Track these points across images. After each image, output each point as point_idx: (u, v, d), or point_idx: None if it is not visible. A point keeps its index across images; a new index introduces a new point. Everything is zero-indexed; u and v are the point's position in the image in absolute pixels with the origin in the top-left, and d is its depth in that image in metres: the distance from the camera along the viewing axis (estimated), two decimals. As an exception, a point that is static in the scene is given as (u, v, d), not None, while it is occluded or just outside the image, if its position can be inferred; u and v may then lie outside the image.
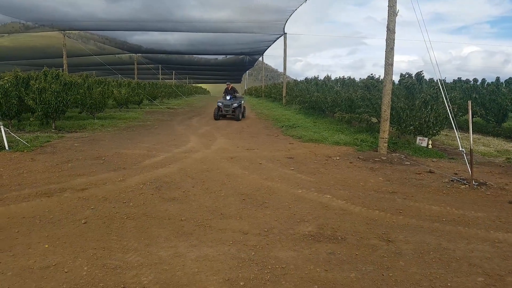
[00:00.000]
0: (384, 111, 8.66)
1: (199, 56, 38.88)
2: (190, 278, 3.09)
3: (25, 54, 28.96)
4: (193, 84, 68.53)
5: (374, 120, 11.66)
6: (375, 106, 10.92)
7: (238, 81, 79.90)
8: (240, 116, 16.81)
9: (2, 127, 8.51)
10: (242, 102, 17.66)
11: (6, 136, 8.52)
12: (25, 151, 8.22)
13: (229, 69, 50.04)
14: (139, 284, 2.99)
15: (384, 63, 8.58)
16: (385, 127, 8.68)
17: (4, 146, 8.34)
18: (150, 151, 8.67)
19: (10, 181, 5.94)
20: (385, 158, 8.19)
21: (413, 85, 9.92)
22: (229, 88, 17.54)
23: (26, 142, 8.99)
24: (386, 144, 8.74)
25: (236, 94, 17.59)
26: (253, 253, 3.54)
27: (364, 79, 16.04)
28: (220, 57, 39.32)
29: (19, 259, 3.36)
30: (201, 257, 3.45)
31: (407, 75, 10.80)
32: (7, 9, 17.83)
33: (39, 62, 30.99)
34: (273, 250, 3.61)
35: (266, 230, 4.10)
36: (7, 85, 8.65)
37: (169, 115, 19.53)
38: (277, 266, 3.30)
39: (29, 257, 3.39)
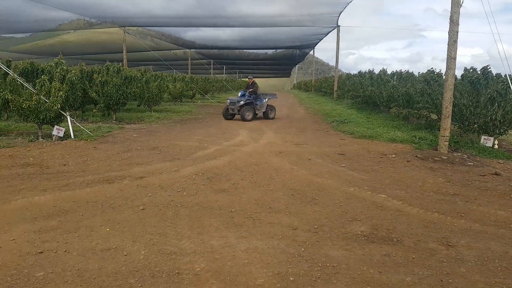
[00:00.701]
0: (446, 108, 8.21)
1: (249, 50, 39.16)
2: (240, 269, 3.16)
3: (88, 49, 30.82)
4: (242, 79, 69.18)
5: (434, 117, 11.05)
6: (435, 102, 10.36)
7: (287, 75, 79.52)
8: (249, 117, 14.02)
9: (68, 117, 9.15)
10: (265, 100, 14.99)
11: (72, 126, 9.16)
12: (88, 140, 8.79)
13: (279, 63, 49.97)
14: (192, 270, 3.10)
15: (445, 56, 8.14)
16: (446, 125, 8.22)
17: (70, 135, 8.99)
18: (201, 143, 8.91)
19: (75, 167, 6.40)
20: (446, 157, 7.75)
21: (478, 80, 9.30)
22: (250, 83, 15.12)
23: (90, 131, 9.62)
24: (447, 143, 8.28)
25: (252, 89, 14.71)
26: (302, 249, 3.52)
27: (423, 73, 15.27)
28: (270, 51, 39.34)
29: (83, 240, 3.62)
30: (251, 249, 3.50)
31: (471, 70, 10.16)
32: (74, 7, 19.01)
33: (101, 57, 32.86)
34: (324, 248, 3.56)
35: (316, 227, 4.06)
36: (74, 78, 9.28)
37: (220, 109, 19.87)
38: (328, 264, 3.26)
39: (92, 239, 3.64)
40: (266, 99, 15.12)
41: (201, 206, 4.63)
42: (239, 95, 14.84)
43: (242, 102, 14.31)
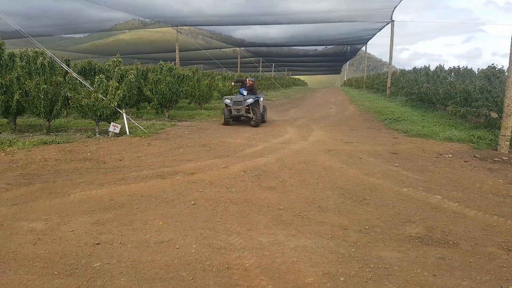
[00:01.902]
0: (507, 106, 7.72)
1: (299, 47, 38.88)
2: (289, 266, 3.14)
3: (142, 48, 32.16)
4: (291, 76, 68.88)
5: (494, 115, 10.39)
6: (496, 99, 9.72)
7: (338, 72, 78.04)
8: (259, 119, 11.64)
9: (124, 114, 9.59)
10: (261, 99, 12.55)
11: (127, 123, 9.59)
12: (143, 136, 9.18)
13: (329, 59, 49.20)
14: (242, 266, 3.13)
15: (507, 52, 7.66)
16: (508, 124, 7.73)
17: (126, 131, 9.42)
18: (249, 140, 8.98)
19: (131, 163, 6.68)
20: (506, 158, 7.25)
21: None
22: (248, 84, 12.52)
23: (144, 128, 10.03)
24: (508, 143, 7.78)
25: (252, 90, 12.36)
26: (353, 250, 3.44)
27: (483, 69, 14.35)
28: (320, 47, 38.81)
29: (137, 233, 3.77)
30: (300, 247, 3.47)
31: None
32: (130, 8, 19.94)
33: (154, 56, 34.16)
34: (375, 249, 3.46)
35: (367, 227, 3.95)
36: (134, 79, 9.70)
37: (267, 107, 19.95)
38: (379, 266, 3.16)
39: (146, 232, 3.78)
40: (262, 99, 12.65)
41: (249, 202, 4.66)
42: (243, 93, 12.03)
43: (251, 100, 11.57)
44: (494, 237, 3.75)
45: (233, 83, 13.39)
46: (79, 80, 9.31)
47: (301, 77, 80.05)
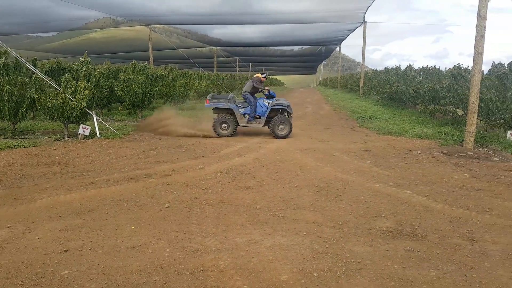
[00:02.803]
0: (472, 103, 8.08)
1: (275, 47, 38.98)
2: (265, 265, 3.13)
3: (114, 47, 31.27)
4: (268, 76, 69.06)
5: (460, 112, 10.86)
6: (461, 97, 10.16)
7: (313, 72, 78.76)
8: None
9: (94, 116, 9.31)
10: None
11: (97, 124, 9.32)
12: (114, 138, 8.94)
13: (305, 60, 49.58)
14: (217, 267, 3.09)
15: (472, 52, 8.00)
16: (472, 120, 8.08)
17: (96, 133, 9.15)
18: (227, 140, 8.93)
19: (101, 166, 6.50)
20: (472, 153, 7.61)
21: (506, 75, 9.15)
22: (262, 81, 10.02)
23: (115, 130, 9.78)
24: (472, 139, 8.15)
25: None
26: (327, 246, 3.49)
27: (450, 68, 14.86)
28: (296, 48, 39.05)
29: (108, 238, 3.65)
30: (275, 246, 3.48)
31: (499, 65, 9.94)
32: (101, 6, 19.30)
33: (127, 55, 33.31)
34: (348, 244, 3.53)
35: (340, 223, 4.01)
36: (99, 76, 9.38)
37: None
38: (352, 260, 3.23)
39: (117, 237, 3.67)
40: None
41: (226, 203, 4.63)
42: (266, 93, 9.86)
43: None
44: (460, 228, 3.91)
45: (260, 87, 9.84)
46: (46, 81, 8.94)
47: (278, 77, 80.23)
